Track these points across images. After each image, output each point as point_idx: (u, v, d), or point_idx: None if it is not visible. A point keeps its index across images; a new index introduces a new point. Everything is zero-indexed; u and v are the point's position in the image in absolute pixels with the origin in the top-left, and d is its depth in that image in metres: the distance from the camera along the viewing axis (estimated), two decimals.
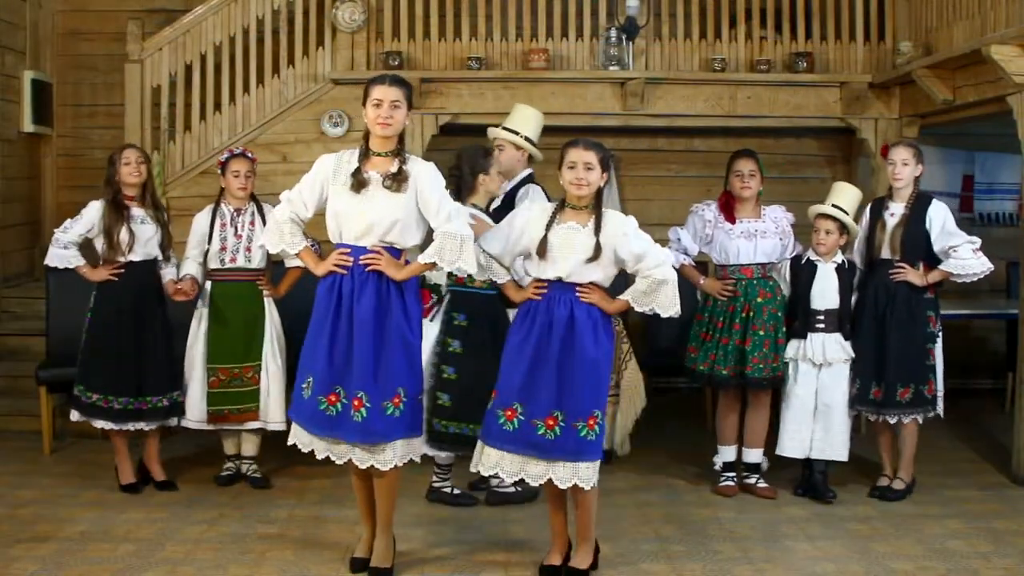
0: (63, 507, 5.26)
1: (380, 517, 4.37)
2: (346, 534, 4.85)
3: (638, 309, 4.23)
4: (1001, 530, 4.99)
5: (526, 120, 5.62)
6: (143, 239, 5.48)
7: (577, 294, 4.21)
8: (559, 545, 4.42)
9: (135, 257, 5.47)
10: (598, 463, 4.24)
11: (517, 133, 5.55)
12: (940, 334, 5.47)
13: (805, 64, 7.26)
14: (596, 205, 4.25)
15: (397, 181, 4.20)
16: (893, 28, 7.35)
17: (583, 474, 4.18)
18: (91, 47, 8.27)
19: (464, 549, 4.70)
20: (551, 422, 4.16)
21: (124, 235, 5.43)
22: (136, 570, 4.42)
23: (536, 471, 4.21)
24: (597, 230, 4.19)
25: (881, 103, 7.31)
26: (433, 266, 4.24)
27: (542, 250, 4.21)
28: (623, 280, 4.38)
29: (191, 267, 5.61)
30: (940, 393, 5.46)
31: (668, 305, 4.20)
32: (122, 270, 5.46)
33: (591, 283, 4.23)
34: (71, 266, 5.51)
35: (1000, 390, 7.40)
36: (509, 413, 4.21)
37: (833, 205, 5.42)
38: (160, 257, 5.56)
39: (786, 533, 4.96)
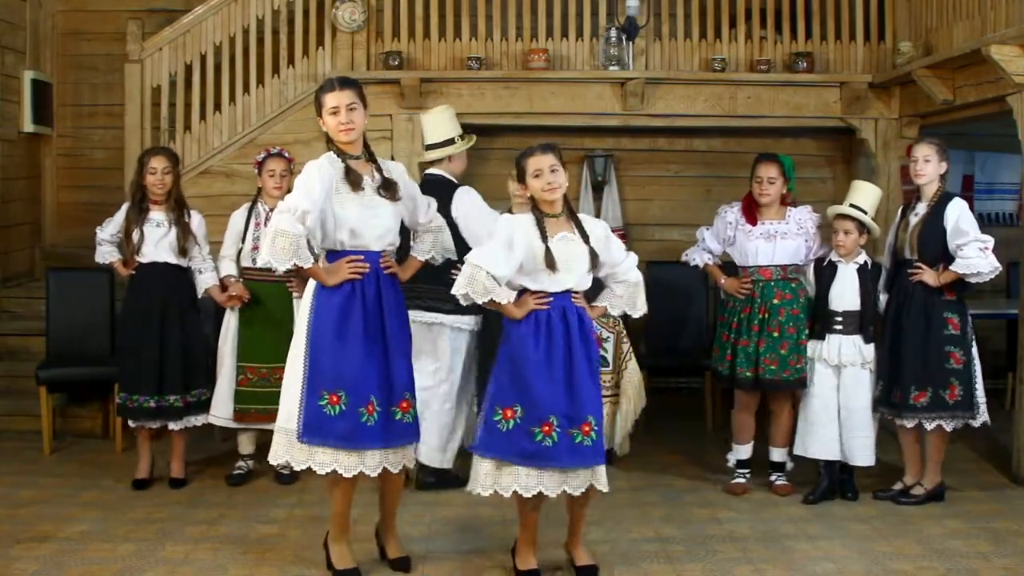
0: (63, 507, 5.26)
1: (391, 512, 4.47)
2: None
3: (615, 313, 4.36)
4: (1001, 530, 4.99)
5: (444, 124, 5.48)
6: (151, 241, 5.49)
7: (573, 301, 4.18)
8: (534, 549, 4.37)
9: (144, 259, 5.50)
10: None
11: (451, 141, 5.45)
12: (971, 337, 5.32)
13: (805, 64, 7.26)
14: (569, 209, 4.24)
15: (391, 191, 4.22)
16: (893, 28, 7.35)
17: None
18: (91, 47, 8.28)
19: (464, 549, 4.70)
20: (588, 427, 4.11)
21: (135, 237, 5.49)
22: (136, 570, 4.42)
23: (552, 482, 4.13)
24: (585, 238, 4.18)
25: (881, 103, 7.31)
26: (426, 263, 4.41)
27: (551, 263, 4.10)
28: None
29: (229, 267, 5.66)
30: (978, 400, 5.32)
31: (641, 305, 4.34)
32: (132, 272, 5.54)
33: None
34: (106, 261, 5.68)
35: (1000, 390, 7.39)
36: (547, 428, 4.10)
37: (851, 205, 5.37)
38: (176, 260, 5.53)
39: (786, 533, 4.95)
